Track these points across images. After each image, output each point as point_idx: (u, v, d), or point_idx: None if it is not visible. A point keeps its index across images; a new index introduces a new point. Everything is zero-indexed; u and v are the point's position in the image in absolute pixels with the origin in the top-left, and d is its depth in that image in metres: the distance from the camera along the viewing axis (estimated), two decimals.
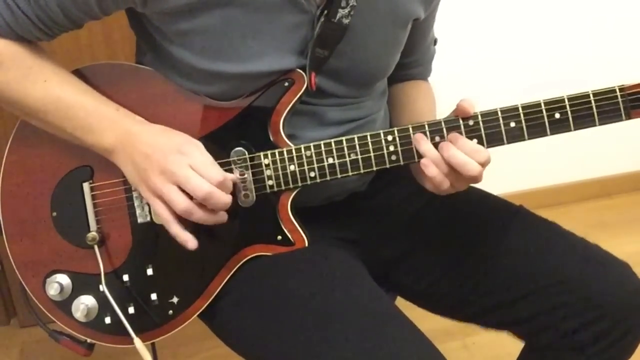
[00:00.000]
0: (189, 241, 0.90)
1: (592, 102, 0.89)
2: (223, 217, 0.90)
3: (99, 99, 0.91)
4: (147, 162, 0.87)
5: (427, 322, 0.94)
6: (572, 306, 0.97)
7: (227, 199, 0.88)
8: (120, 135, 0.89)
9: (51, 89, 0.90)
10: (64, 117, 0.90)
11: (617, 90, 0.89)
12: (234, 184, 0.92)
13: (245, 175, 0.92)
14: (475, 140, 0.91)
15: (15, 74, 0.90)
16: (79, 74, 0.95)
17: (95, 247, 0.95)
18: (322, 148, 0.92)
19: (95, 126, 0.90)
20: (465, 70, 2.01)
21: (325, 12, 0.91)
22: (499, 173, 1.96)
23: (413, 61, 1.15)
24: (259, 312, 0.92)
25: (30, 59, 0.91)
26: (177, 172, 0.85)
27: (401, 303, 0.99)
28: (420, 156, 0.92)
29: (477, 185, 1.12)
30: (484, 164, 0.90)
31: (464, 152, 0.89)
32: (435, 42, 1.19)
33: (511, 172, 2.18)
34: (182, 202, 0.86)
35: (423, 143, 0.91)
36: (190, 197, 0.86)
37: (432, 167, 0.90)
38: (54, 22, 0.90)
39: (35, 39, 0.92)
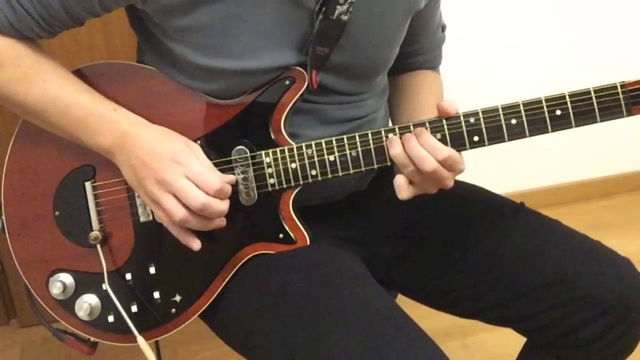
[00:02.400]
0: (192, 243, 0.90)
1: (593, 98, 0.89)
2: (220, 222, 0.90)
3: (97, 99, 0.91)
4: (144, 170, 0.87)
5: (427, 322, 0.93)
6: (574, 303, 0.97)
7: (223, 207, 0.88)
8: (117, 138, 0.89)
9: (50, 88, 0.90)
10: (63, 116, 0.90)
11: (619, 87, 0.89)
12: (236, 183, 0.92)
13: (247, 174, 0.93)
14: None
15: (15, 72, 0.90)
16: (80, 73, 0.95)
17: (98, 246, 0.95)
18: (324, 146, 0.92)
19: (94, 127, 0.90)
20: (465, 68, 2.01)
21: (323, 9, 0.91)
22: (500, 173, 1.97)
23: (418, 49, 1.13)
24: (260, 311, 0.92)
25: (30, 58, 0.91)
26: (173, 183, 0.86)
27: (402, 302, 0.98)
28: None
29: (478, 184, 1.13)
30: (443, 163, 0.88)
31: (424, 147, 0.89)
32: (443, 28, 1.17)
33: (512, 172, 2.19)
34: (178, 213, 0.87)
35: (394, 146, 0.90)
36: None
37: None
38: (55, 19, 0.90)
39: (36, 36, 0.92)
